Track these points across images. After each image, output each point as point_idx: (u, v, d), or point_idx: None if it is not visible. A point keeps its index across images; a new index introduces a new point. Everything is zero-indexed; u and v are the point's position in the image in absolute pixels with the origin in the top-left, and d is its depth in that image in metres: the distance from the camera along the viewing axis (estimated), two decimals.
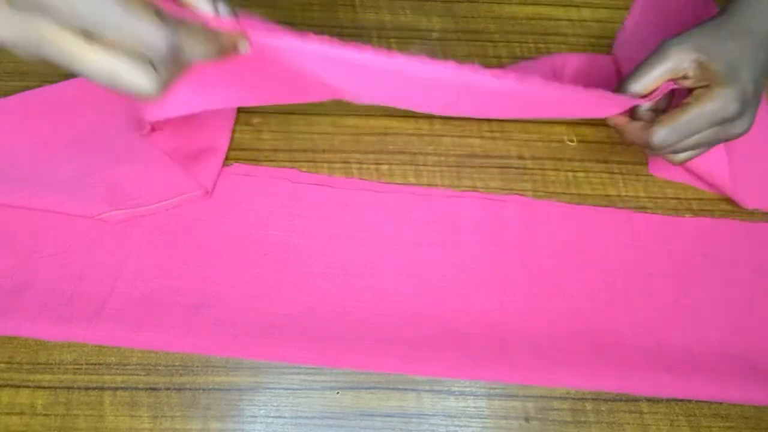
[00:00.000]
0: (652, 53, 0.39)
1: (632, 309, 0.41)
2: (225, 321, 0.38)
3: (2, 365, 0.38)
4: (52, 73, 0.47)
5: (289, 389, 0.38)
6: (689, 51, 0.38)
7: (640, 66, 0.39)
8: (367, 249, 0.42)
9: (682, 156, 0.40)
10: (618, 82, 0.40)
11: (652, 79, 0.38)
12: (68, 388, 0.37)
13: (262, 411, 0.38)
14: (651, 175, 0.47)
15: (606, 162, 0.47)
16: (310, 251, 0.42)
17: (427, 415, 0.38)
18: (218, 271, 0.41)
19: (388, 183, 0.45)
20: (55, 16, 0.23)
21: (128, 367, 0.38)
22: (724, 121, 0.37)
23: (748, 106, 0.37)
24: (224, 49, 0.29)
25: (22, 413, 0.37)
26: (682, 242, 0.43)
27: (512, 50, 0.51)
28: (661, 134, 0.38)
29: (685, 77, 0.38)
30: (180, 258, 0.41)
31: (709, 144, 0.39)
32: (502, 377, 0.38)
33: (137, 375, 0.38)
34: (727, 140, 0.39)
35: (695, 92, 0.38)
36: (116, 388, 0.38)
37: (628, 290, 0.41)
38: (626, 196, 0.46)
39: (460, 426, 0.38)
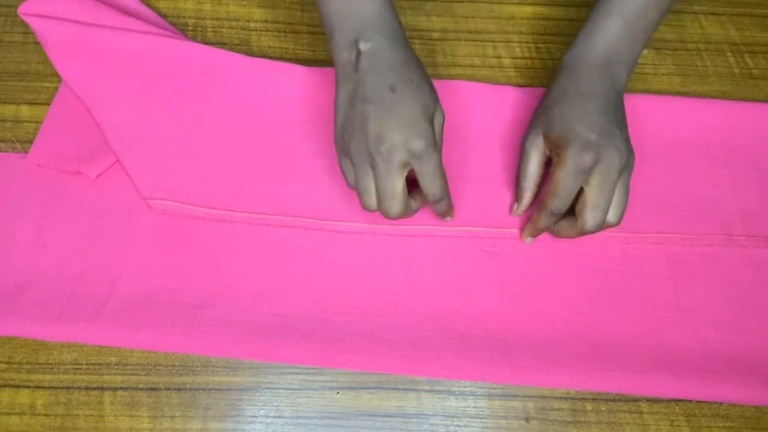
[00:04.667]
0: (520, 154, 0.42)
1: (632, 309, 0.41)
2: (225, 321, 0.38)
3: (2, 365, 0.38)
4: (52, 72, 0.47)
5: (289, 389, 0.38)
6: (537, 134, 0.41)
7: (519, 170, 0.43)
8: (367, 249, 0.42)
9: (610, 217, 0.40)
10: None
11: (533, 174, 0.42)
12: (68, 388, 0.38)
13: (262, 411, 0.38)
14: None
15: None
16: (310, 251, 0.42)
17: (427, 415, 0.38)
18: (218, 271, 0.41)
19: None
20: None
21: (128, 367, 0.38)
22: (587, 171, 0.38)
23: (601, 146, 0.38)
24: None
25: (22, 413, 0.37)
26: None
27: (512, 50, 0.51)
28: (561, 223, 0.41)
29: (552, 152, 0.40)
30: (180, 258, 0.41)
31: (608, 193, 0.38)
32: (502, 377, 0.38)
33: (137, 375, 0.38)
34: (621, 177, 0.39)
35: (554, 162, 0.40)
36: (116, 388, 0.38)
37: (627, 290, 0.41)
38: None
39: (460, 426, 0.38)
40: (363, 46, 0.38)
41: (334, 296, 0.40)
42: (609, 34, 0.42)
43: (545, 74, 0.50)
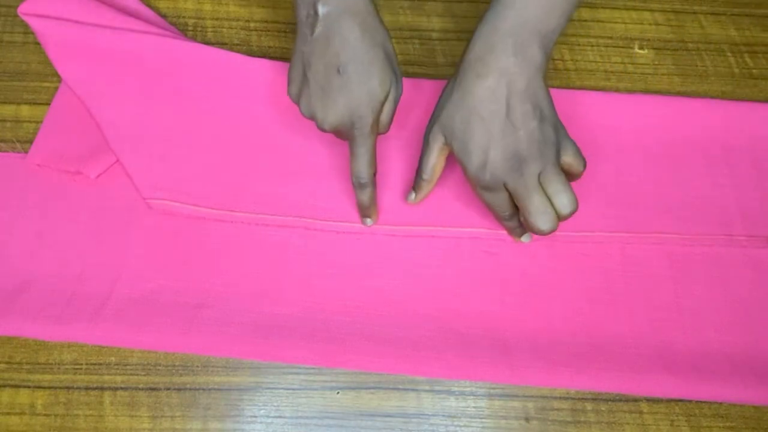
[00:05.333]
0: (423, 145, 0.42)
1: (632, 309, 0.41)
2: (225, 321, 0.38)
3: (2, 365, 0.38)
4: (52, 72, 0.47)
5: (289, 389, 0.38)
6: (438, 131, 0.40)
7: (420, 161, 0.42)
8: (367, 249, 0.42)
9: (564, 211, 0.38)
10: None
11: (432, 167, 0.41)
12: (68, 388, 0.37)
13: (262, 411, 0.38)
14: None
15: None
16: (310, 251, 0.42)
17: (427, 415, 0.38)
18: (218, 271, 0.41)
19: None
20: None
21: (128, 367, 0.38)
22: (494, 185, 0.38)
23: (497, 162, 0.37)
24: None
25: (22, 413, 0.37)
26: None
27: None
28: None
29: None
30: (180, 258, 0.41)
31: (531, 197, 0.37)
32: (502, 378, 0.38)
33: (137, 375, 0.38)
34: (545, 171, 0.37)
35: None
36: (116, 388, 0.38)
37: (627, 290, 0.41)
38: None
39: (460, 426, 0.38)
40: (321, 10, 0.37)
41: (334, 296, 0.40)
42: (518, 2, 0.37)
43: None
